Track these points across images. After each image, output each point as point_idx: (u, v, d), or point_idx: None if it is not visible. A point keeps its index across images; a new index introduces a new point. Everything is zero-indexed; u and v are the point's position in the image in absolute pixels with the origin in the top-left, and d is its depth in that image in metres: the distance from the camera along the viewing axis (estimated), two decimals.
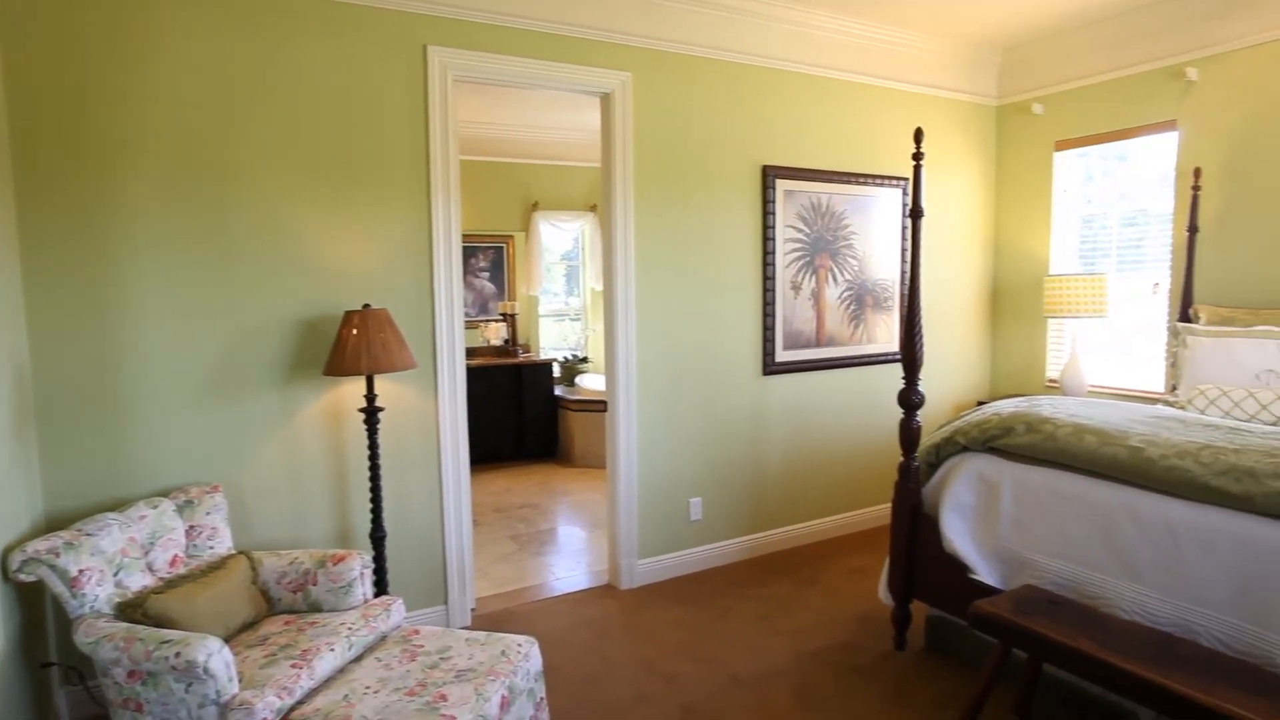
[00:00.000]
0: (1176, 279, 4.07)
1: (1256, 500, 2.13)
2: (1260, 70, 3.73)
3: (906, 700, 2.70)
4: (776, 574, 3.88)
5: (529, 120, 6.20)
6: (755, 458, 4.11)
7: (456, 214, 3.25)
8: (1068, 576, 2.52)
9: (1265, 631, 2.06)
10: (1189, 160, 4.00)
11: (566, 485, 5.70)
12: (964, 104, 4.76)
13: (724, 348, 3.95)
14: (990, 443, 2.83)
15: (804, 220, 4.14)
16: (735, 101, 3.89)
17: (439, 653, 2.26)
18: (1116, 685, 2.04)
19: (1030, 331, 4.83)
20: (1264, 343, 3.36)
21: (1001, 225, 4.96)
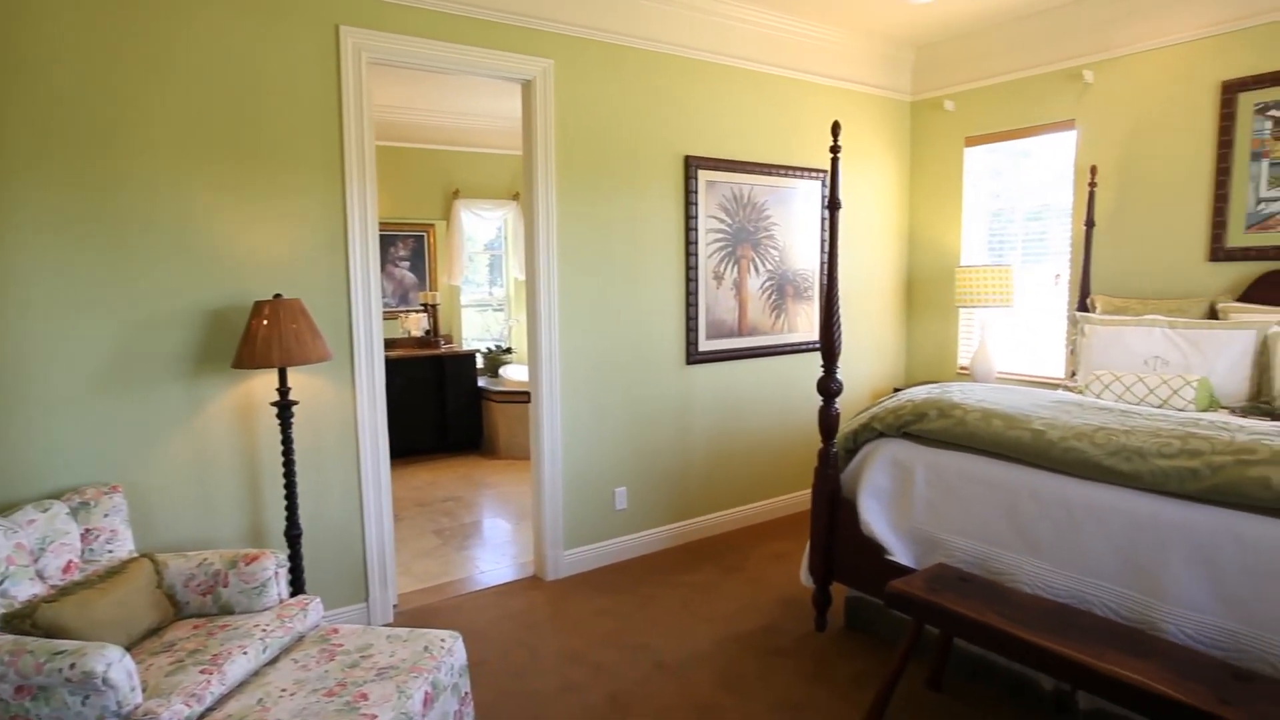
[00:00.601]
0: (1076, 270, 4.30)
1: (1144, 477, 2.28)
2: (1148, 75, 3.97)
3: (826, 678, 2.79)
4: (701, 561, 3.93)
5: (450, 106, 6.06)
6: (680, 446, 4.15)
7: (373, 201, 3.15)
8: (976, 554, 2.64)
9: (1150, 599, 2.21)
10: (1086, 158, 4.22)
11: (491, 477, 5.64)
12: (880, 99, 4.90)
13: (648, 337, 3.97)
14: (904, 428, 2.93)
15: (726, 211, 4.19)
16: (658, 91, 3.90)
17: (359, 651, 2.20)
18: (1019, 655, 2.15)
19: (943, 320, 5.03)
20: (1151, 330, 3.59)
21: (916, 217, 5.14)
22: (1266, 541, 2.02)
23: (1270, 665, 1.97)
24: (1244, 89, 3.65)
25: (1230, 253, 3.74)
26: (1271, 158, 3.61)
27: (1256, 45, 3.61)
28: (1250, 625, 2.02)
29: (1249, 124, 3.65)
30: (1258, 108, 3.62)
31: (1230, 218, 3.74)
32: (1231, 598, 2.06)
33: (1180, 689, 1.83)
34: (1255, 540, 2.04)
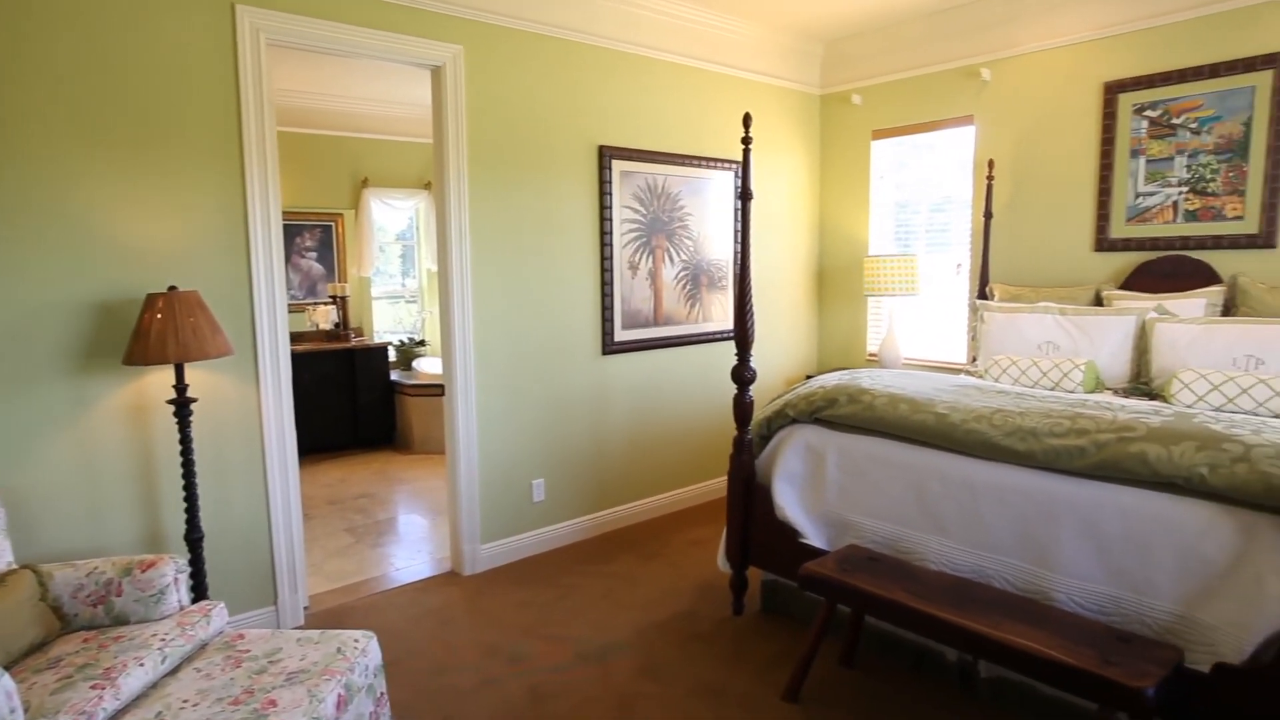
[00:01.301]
0: (976, 260, 4.51)
1: (1037, 456, 2.41)
2: (1039, 74, 4.19)
3: (744, 661, 2.85)
4: (620, 550, 3.95)
5: (358, 92, 5.84)
6: (597, 437, 4.15)
7: (276, 189, 3.01)
8: (886, 535, 2.74)
9: (1042, 570, 2.35)
10: (984, 152, 4.43)
11: (406, 473, 5.50)
12: (790, 92, 5.00)
13: (563, 328, 3.95)
14: (816, 414, 3.01)
15: (640, 201, 4.20)
16: (571, 80, 3.86)
17: (267, 656, 2.11)
18: (925, 629, 2.25)
19: (853, 308, 5.19)
20: (1044, 317, 3.80)
21: (826, 208, 5.27)
22: (1144, 513, 2.18)
23: (1147, 626, 2.13)
24: (1123, 90, 3.90)
25: (1113, 243, 4.00)
26: (1148, 155, 3.86)
27: (1135, 49, 3.85)
28: (1130, 590, 2.17)
29: (1128, 123, 3.90)
30: (1135, 108, 3.87)
31: (1113, 210, 3.99)
32: (1114, 566, 2.21)
33: (1069, 653, 1.95)
34: (1135, 511, 2.19)
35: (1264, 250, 3.55)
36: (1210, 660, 1.97)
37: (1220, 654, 1.97)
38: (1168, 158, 3.80)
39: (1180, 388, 3.11)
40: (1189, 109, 3.72)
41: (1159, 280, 3.79)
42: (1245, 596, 1.96)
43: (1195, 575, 2.06)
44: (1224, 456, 2.07)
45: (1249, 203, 3.58)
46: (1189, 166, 3.74)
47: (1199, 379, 3.08)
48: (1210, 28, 3.62)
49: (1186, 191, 3.76)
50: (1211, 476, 2.06)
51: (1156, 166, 3.84)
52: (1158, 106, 3.81)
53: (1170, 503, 2.15)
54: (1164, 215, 3.83)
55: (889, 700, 2.58)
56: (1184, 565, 2.08)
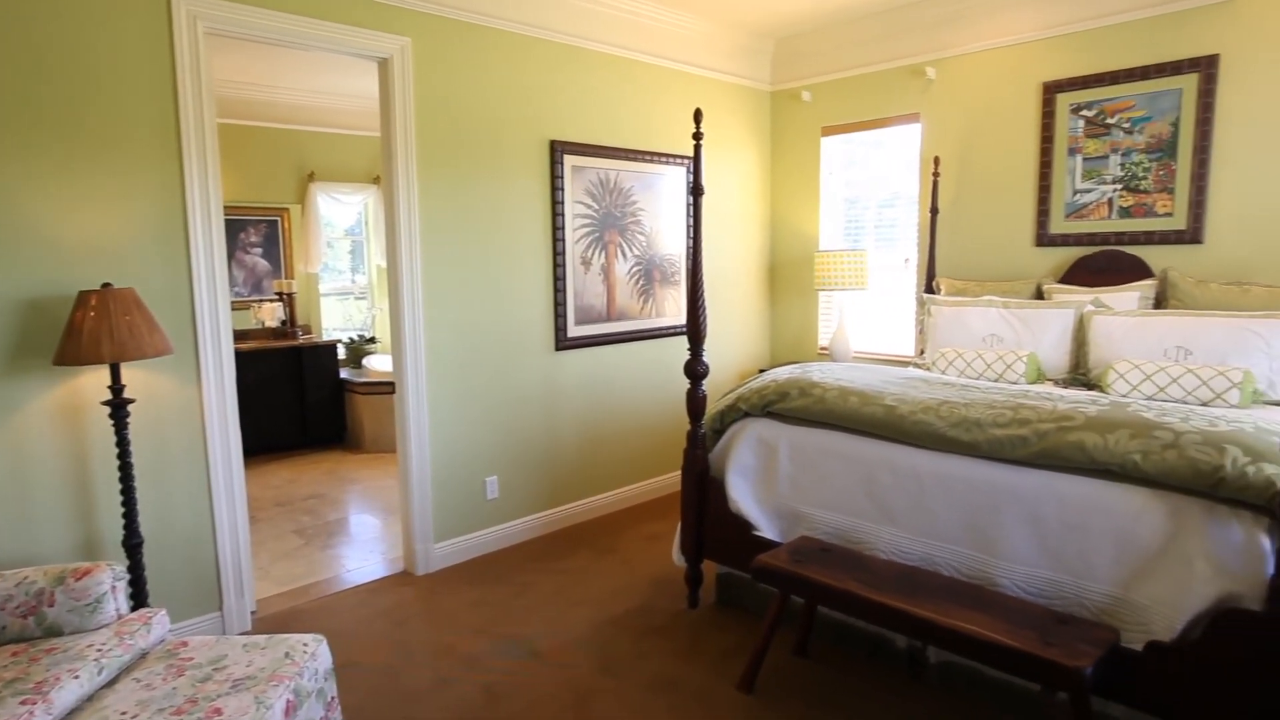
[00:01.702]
0: (922, 255, 4.60)
1: (981, 446, 2.47)
2: (981, 74, 4.29)
3: (700, 654, 2.87)
4: (576, 546, 3.94)
5: (303, 84, 5.70)
6: (551, 433, 4.13)
7: (216, 183, 2.92)
8: (837, 525, 2.79)
9: (987, 557, 2.42)
10: (930, 149, 4.52)
11: (357, 472, 5.40)
12: (741, 88, 5.04)
13: (516, 324, 3.92)
14: (768, 408, 3.04)
15: (593, 196, 4.19)
16: (522, 74, 3.82)
17: (212, 664, 2.05)
18: (876, 617, 2.30)
19: (804, 302, 5.26)
20: (988, 310, 3.90)
21: (777, 204, 5.33)
22: (1082, 499, 2.25)
23: (1085, 608, 2.20)
24: (1061, 90, 4.02)
25: (1053, 238, 4.12)
26: (1084, 154, 3.99)
27: (1072, 50, 3.97)
28: (1069, 574, 2.25)
29: (1066, 122, 4.02)
30: (1073, 107, 4.00)
31: (1052, 207, 4.11)
32: (1054, 551, 2.28)
33: (1011, 636, 2.01)
34: (1073, 498, 2.27)
35: (1192, 245, 3.70)
36: (1144, 639, 2.05)
37: (1153, 632, 2.05)
38: (1103, 156, 3.93)
39: (1116, 378, 3.22)
40: (1122, 109, 3.85)
41: (1096, 274, 3.93)
42: (1175, 577, 2.04)
43: (1130, 558, 2.14)
44: (1155, 444, 2.15)
45: (1178, 200, 3.73)
46: (1123, 165, 3.88)
47: (1133, 369, 3.20)
48: (1141, 32, 3.76)
49: (1121, 189, 3.89)
50: (1144, 463, 2.14)
51: (1093, 164, 3.97)
52: (1093, 106, 3.93)
53: (1106, 489, 2.22)
54: (1100, 211, 3.97)
55: (841, 687, 2.62)
56: (1119, 549, 2.16)
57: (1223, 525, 2.01)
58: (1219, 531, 2.00)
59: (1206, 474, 2.03)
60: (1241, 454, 2.02)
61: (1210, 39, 3.58)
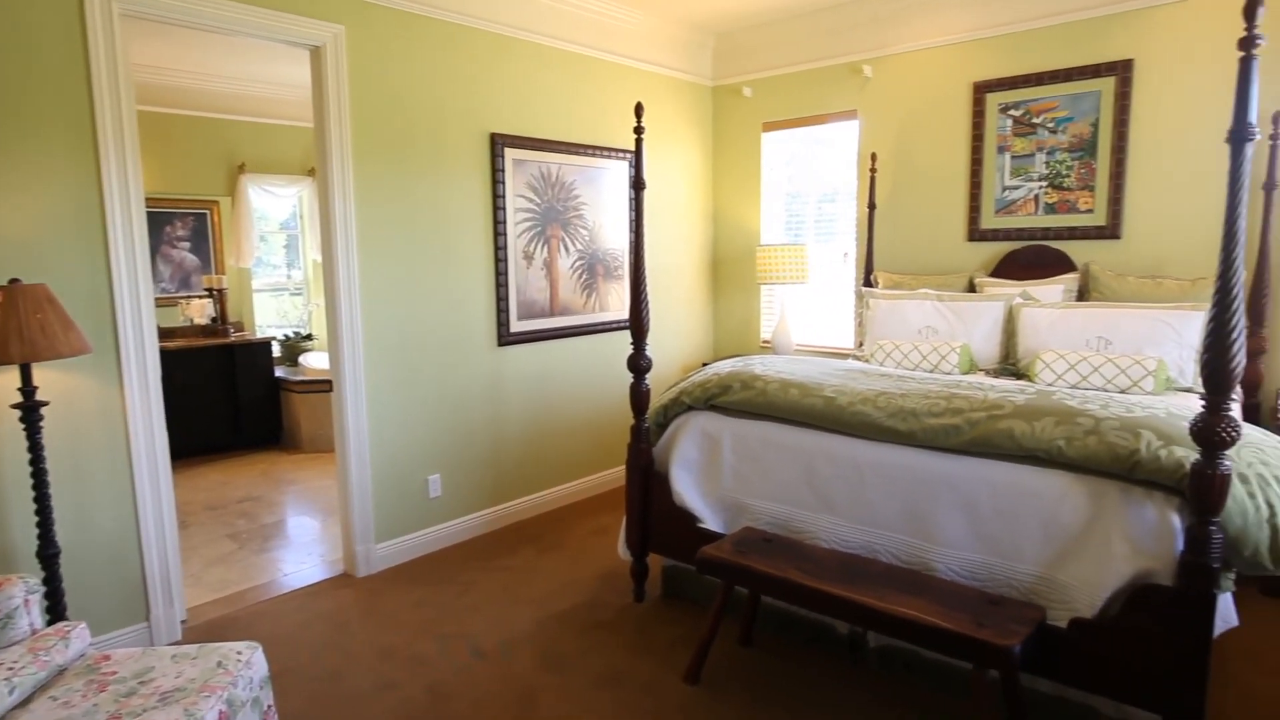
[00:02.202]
0: (861, 249, 4.70)
1: (917, 435, 2.54)
2: (916, 72, 4.39)
3: (646, 647, 2.88)
4: (520, 543, 3.91)
5: (232, 71, 5.49)
6: (495, 429, 4.09)
7: (137, 173, 2.79)
8: (779, 516, 2.83)
9: (924, 543, 2.48)
10: (868, 146, 4.61)
11: (294, 473, 5.25)
12: (683, 83, 5.05)
13: (457, 319, 3.86)
14: (711, 401, 3.07)
15: (534, 190, 4.15)
16: (461, 66, 3.76)
17: (137, 677, 1.97)
18: (817, 605, 2.34)
19: (747, 296, 5.31)
20: (923, 303, 4.01)
21: (719, 198, 5.37)
22: (1011, 485, 2.33)
23: (1015, 589, 2.29)
24: (991, 90, 4.14)
25: (984, 233, 4.25)
26: (1013, 152, 4.13)
27: (1001, 52, 4.10)
28: (1000, 557, 2.33)
29: (995, 121, 4.15)
30: (1001, 107, 4.12)
31: (983, 203, 4.24)
32: (986, 535, 2.36)
33: (946, 619, 2.08)
34: (1003, 484, 2.35)
35: (1111, 241, 3.86)
36: (1068, 616, 2.14)
37: (1076, 610, 2.14)
38: (1030, 154, 4.07)
39: (1042, 367, 3.35)
40: (1047, 110, 3.99)
41: (1024, 268, 4.07)
42: (1096, 556, 2.13)
43: (1055, 539, 2.23)
44: (1078, 430, 2.24)
45: (1098, 197, 3.88)
46: (1048, 163, 4.02)
47: (1058, 359, 3.32)
48: (1064, 36, 3.90)
49: (1046, 186, 4.04)
50: (1068, 448, 2.23)
51: (1020, 162, 4.10)
52: (1020, 106, 4.07)
53: (1034, 474, 2.31)
54: (1027, 208, 4.11)
55: (785, 675, 2.66)
56: (1045, 531, 2.25)
57: (1138, 506, 2.10)
58: (1135, 512, 2.10)
59: (1124, 458, 2.12)
60: (1155, 438, 2.12)
61: (1126, 45, 3.74)
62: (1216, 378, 1.87)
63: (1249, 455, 2.14)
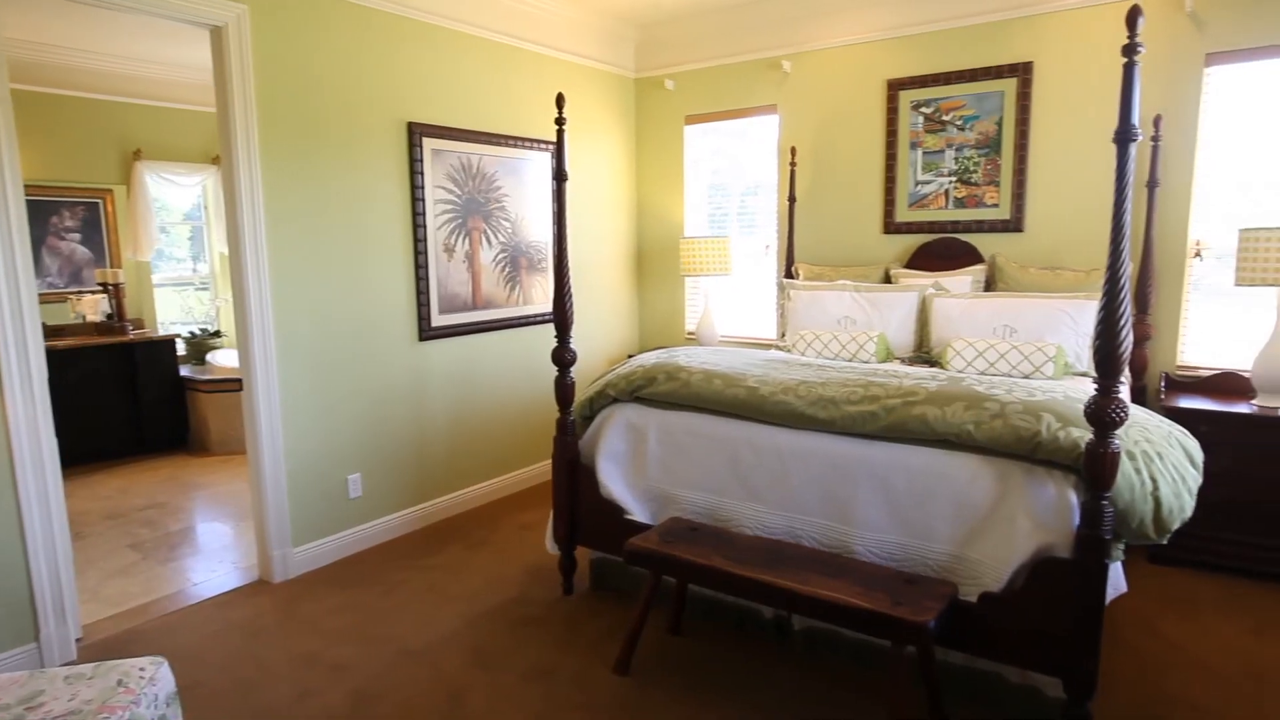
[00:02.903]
0: (782, 241, 4.79)
1: (836, 422, 2.61)
2: (833, 69, 4.50)
3: (575, 640, 2.87)
4: (447, 541, 3.84)
5: (125, 50, 5.16)
6: (417, 426, 3.99)
7: (13, 158, 2.59)
8: (705, 505, 2.86)
9: (844, 526, 2.56)
10: (788, 140, 4.70)
11: (203, 477, 5.01)
12: (606, 74, 5.03)
13: (376, 314, 3.74)
14: (636, 393, 3.08)
15: (455, 181, 4.06)
16: (376, 52, 3.64)
17: (23, 703, 1.83)
18: (742, 591, 2.38)
19: (671, 288, 5.35)
20: (842, 294, 4.12)
21: (643, 191, 5.38)
22: (925, 468, 2.42)
23: (929, 567, 2.38)
24: (903, 88, 4.28)
25: (898, 226, 4.40)
26: (924, 148, 4.28)
27: (913, 51, 4.24)
28: (915, 537, 2.42)
29: (907, 118, 4.30)
30: (913, 104, 4.27)
31: (898, 197, 4.38)
32: (902, 517, 2.45)
33: (865, 599, 2.14)
34: (918, 468, 2.44)
35: (1015, 233, 4.06)
36: (977, 591, 2.24)
37: (985, 585, 2.25)
38: (940, 150, 4.23)
39: (953, 355, 3.49)
40: (955, 108, 4.15)
41: (936, 260, 4.23)
42: (1003, 533, 2.24)
43: (965, 519, 2.33)
44: (985, 414, 2.35)
45: (1003, 192, 4.07)
46: (956, 159, 4.19)
47: (968, 346, 3.47)
48: (970, 37, 4.06)
49: (955, 181, 4.21)
50: (976, 432, 2.33)
51: (931, 158, 4.26)
52: (931, 104, 4.22)
53: (945, 457, 2.41)
54: (938, 202, 4.27)
55: (714, 660, 2.70)
56: (957, 511, 2.35)
57: (1040, 484, 2.22)
58: (1037, 490, 2.22)
59: (1027, 439, 2.24)
60: (1054, 420, 2.24)
61: (1026, 48, 3.92)
62: (1107, 363, 1.98)
63: (1136, 434, 2.29)
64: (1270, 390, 3.23)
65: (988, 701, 2.40)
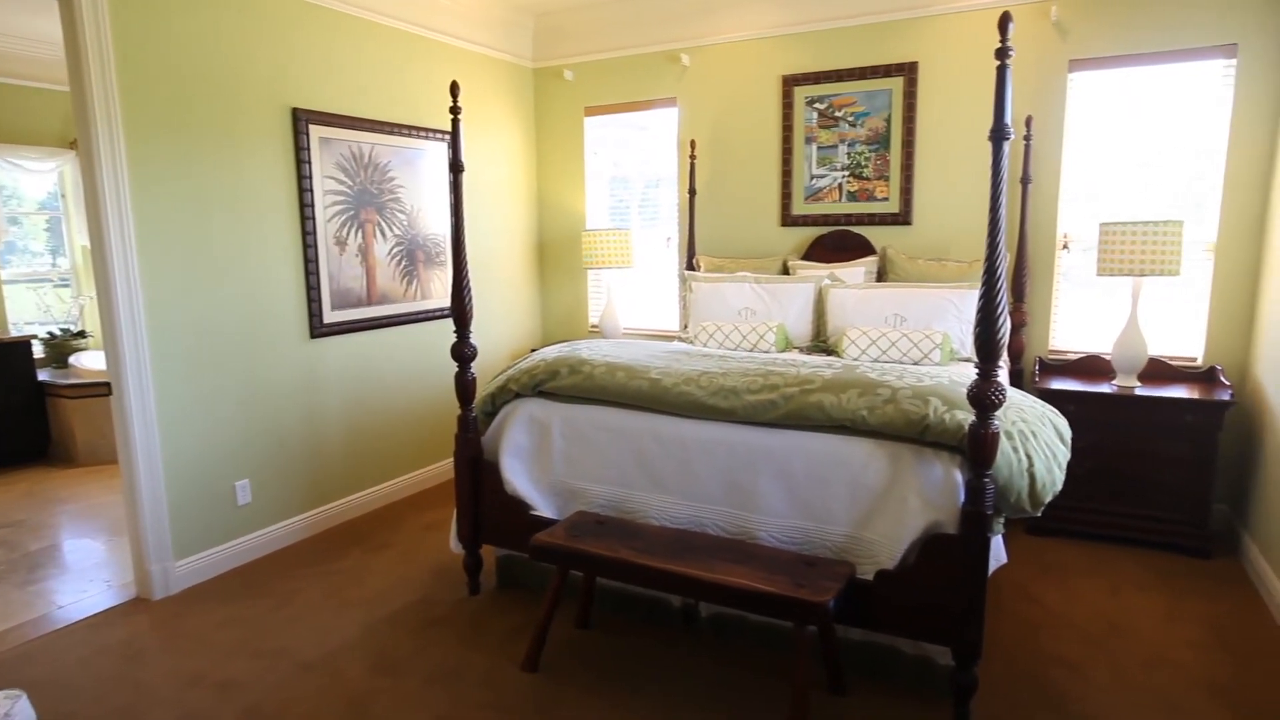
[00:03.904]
0: (683, 234, 4.84)
1: (738, 412, 2.65)
2: (730, 64, 4.57)
3: (482, 639, 2.82)
4: (346, 545, 3.70)
5: None
6: (312, 426, 3.82)
7: None
8: (611, 498, 2.86)
9: (747, 513, 2.61)
10: (687, 133, 4.75)
11: (68, 490, 4.62)
12: (503, 63, 4.94)
13: (262, 311, 3.55)
14: (539, 387, 3.04)
15: (345, 171, 3.89)
16: (254, 31, 3.43)
17: None
18: (649, 581, 2.40)
19: (574, 281, 5.32)
20: (742, 285, 4.20)
21: (544, 183, 5.32)
22: (823, 453, 2.50)
23: (828, 549, 2.46)
24: (798, 84, 4.40)
25: (795, 219, 4.52)
26: (819, 143, 4.41)
27: (807, 48, 4.35)
28: (814, 520, 2.50)
29: (802, 113, 4.42)
30: (808, 100, 4.39)
31: (794, 190, 4.50)
32: (801, 501, 2.52)
33: (767, 583, 2.20)
34: (816, 453, 2.51)
35: (904, 226, 4.25)
36: (873, 569, 2.34)
37: (880, 563, 2.35)
38: (833, 145, 4.37)
39: (848, 344, 3.62)
40: (847, 104, 4.30)
41: (831, 251, 4.37)
42: (895, 513, 2.34)
43: (861, 501, 2.42)
44: (878, 399, 2.45)
45: (892, 187, 4.25)
46: (849, 154, 4.34)
47: (862, 335, 3.61)
48: (860, 36, 4.21)
49: (848, 175, 4.36)
50: (870, 417, 2.43)
51: (825, 153, 4.40)
52: (824, 100, 4.35)
53: (842, 442, 2.49)
54: (832, 195, 4.41)
55: (623, 652, 2.71)
56: (853, 493, 2.44)
57: (929, 465, 2.33)
58: (926, 470, 2.33)
59: (916, 422, 2.35)
60: (941, 404, 2.36)
61: (911, 48, 4.10)
62: (986, 348, 2.10)
63: (1013, 415, 2.44)
64: (1127, 371, 3.51)
65: (885, 674, 2.51)
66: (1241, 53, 3.47)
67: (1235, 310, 3.60)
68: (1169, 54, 3.60)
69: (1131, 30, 3.64)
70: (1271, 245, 3.35)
